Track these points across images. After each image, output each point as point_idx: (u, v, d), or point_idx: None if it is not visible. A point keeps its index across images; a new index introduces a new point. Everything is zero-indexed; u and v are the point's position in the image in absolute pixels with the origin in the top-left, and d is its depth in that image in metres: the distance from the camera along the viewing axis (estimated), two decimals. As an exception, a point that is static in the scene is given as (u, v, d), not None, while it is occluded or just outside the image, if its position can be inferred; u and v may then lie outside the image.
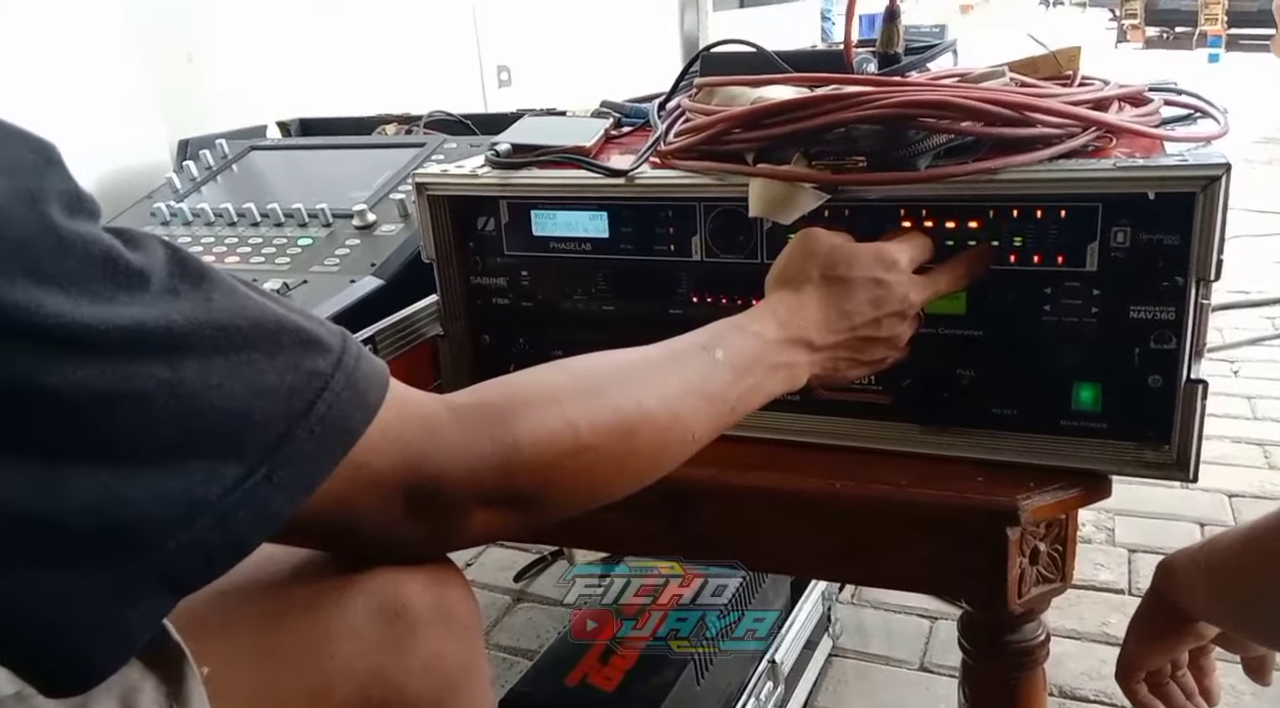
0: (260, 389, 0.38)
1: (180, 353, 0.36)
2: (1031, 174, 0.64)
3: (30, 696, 0.40)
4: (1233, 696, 1.25)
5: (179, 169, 1.23)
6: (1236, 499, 1.77)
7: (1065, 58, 0.78)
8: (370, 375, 0.43)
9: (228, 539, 0.38)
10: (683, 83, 0.89)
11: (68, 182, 0.36)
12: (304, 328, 0.41)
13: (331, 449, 0.41)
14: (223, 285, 0.39)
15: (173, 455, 0.36)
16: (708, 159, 0.73)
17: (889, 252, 0.64)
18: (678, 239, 0.77)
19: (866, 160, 0.66)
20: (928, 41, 0.89)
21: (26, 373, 0.32)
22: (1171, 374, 0.66)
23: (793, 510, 0.73)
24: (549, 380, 0.53)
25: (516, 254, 0.83)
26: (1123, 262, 0.65)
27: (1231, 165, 0.59)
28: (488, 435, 0.47)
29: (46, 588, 0.34)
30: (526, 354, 0.86)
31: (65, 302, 0.33)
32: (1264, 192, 3.88)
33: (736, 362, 0.58)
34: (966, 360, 0.71)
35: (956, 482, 0.68)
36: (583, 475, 0.51)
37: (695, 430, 0.56)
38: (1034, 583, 0.70)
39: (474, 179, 0.80)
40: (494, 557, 1.73)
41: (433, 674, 0.51)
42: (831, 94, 0.66)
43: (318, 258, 0.99)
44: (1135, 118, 0.70)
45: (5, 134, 0.34)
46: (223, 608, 0.47)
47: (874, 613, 1.53)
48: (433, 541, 0.49)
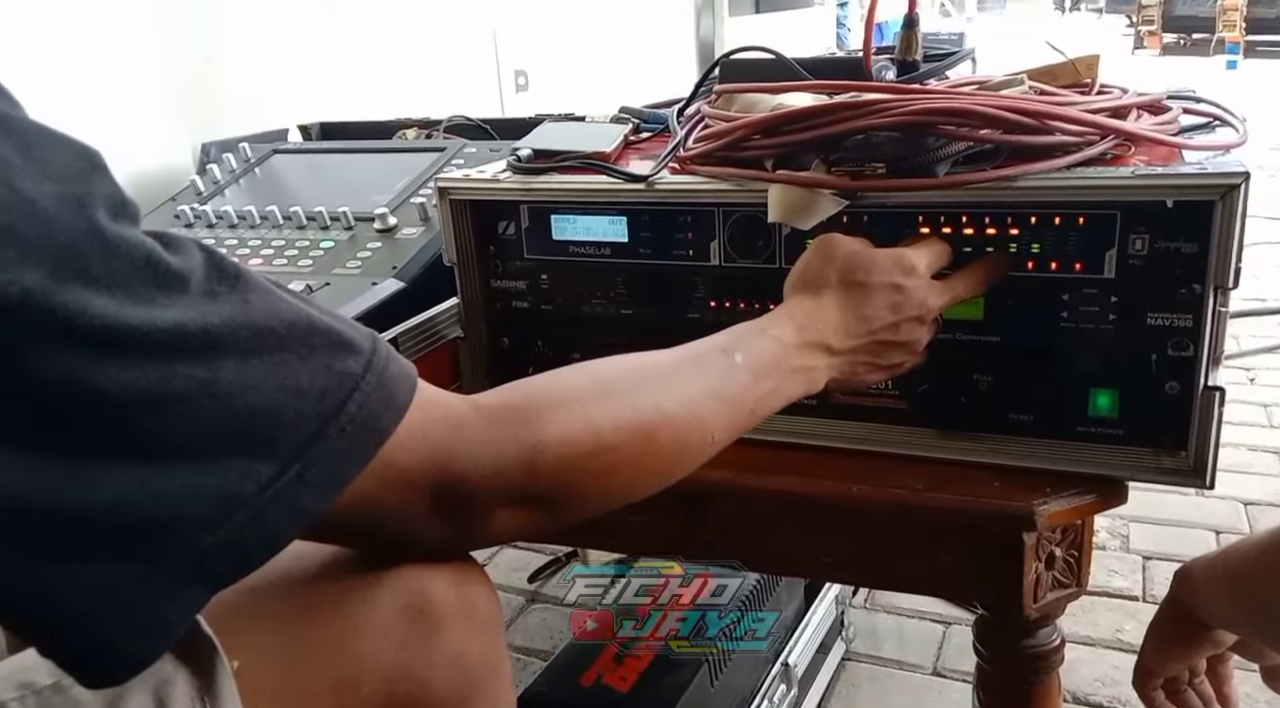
0: (294, 389, 0.39)
1: (217, 354, 0.37)
2: (1050, 182, 0.64)
3: (67, 687, 0.41)
4: (1250, 704, 1.25)
5: (202, 172, 1.25)
6: (1252, 507, 1.77)
7: (1084, 66, 0.79)
8: (399, 376, 0.44)
9: (262, 535, 0.39)
10: (702, 89, 0.89)
11: (112, 186, 0.37)
12: (336, 329, 0.42)
13: (362, 448, 0.42)
14: (258, 288, 0.40)
15: (209, 453, 0.37)
16: (727, 165, 0.73)
17: (908, 257, 0.65)
18: (696, 244, 0.78)
19: (886, 167, 0.67)
20: (946, 49, 0.89)
21: (71, 372, 0.33)
22: (1189, 381, 0.66)
23: (809, 514, 0.73)
24: (572, 382, 0.53)
25: (536, 258, 0.84)
26: (1141, 269, 0.66)
27: (1250, 174, 0.60)
28: (512, 436, 0.48)
29: (85, 582, 0.35)
30: (545, 357, 0.87)
31: (110, 303, 0.34)
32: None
33: (755, 365, 0.59)
34: (984, 366, 0.72)
35: (973, 487, 0.69)
36: (604, 476, 0.52)
37: (715, 432, 0.57)
38: (1049, 588, 0.70)
39: (495, 184, 0.81)
40: (508, 558, 1.74)
41: (457, 670, 0.52)
42: (851, 101, 0.67)
43: (340, 260, 1.00)
44: (1154, 126, 0.71)
45: (52, 141, 0.35)
46: (253, 604, 0.48)
47: (887, 618, 1.53)
48: (457, 539, 0.50)
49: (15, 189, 0.33)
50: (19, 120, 0.35)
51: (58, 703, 0.42)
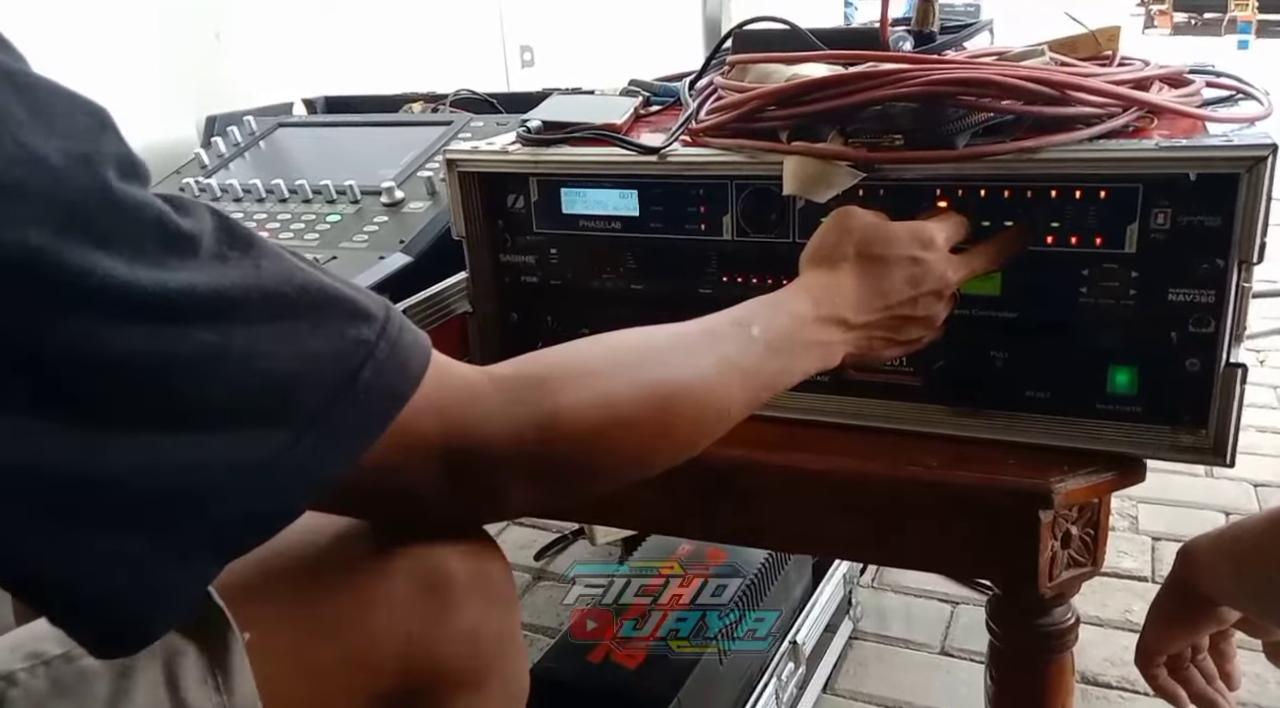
0: (307, 356, 0.39)
1: (229, 318, 0.36)
2: (1071, 153, 0.63)
3: (78, 656, 0.41)
4: (1257, 683, 1.25)
5: (207, 145, 1.24)
6: (1262, 488, 1.76)
7: (1105, 37, 0.78)
8: (413, 345, 0.44)
9: (275, 503, 0.38)
10: (715, 60, 0.88)
11: (121, 145, 0.36)
12: (349, 297, 0.42)
13: (377, 416, 0.41)
14: (270, 253, 0.39)
15: (221, 420, 0.36)
16: (741, 137, 0.72)
17: (926, 230, 0.64)
18: (709, 218, 0.77)
19: (903, 138, 0.66)
20: (963, 20, 0.88)
21: (79, 333, 0.33)
22: (1210, 358, 0.65)
23: (823, 492, 0.72)
24: (588, 353, 0.53)
25: (546, 231, 0.83)
26: (1162, 244, 0.65)
27: (1279, 146, 0.58)
28: (528, 406, 0.47)
29: (97, 550, 0.35)
30: (554, 332, 0.86)
31: (120, 264, 0.33)
32: (1293, 179, 3.83)
33: (771, 339, 0.58)
34: (1001, 342, 0.71)
35: (989, 464, 0.68)
36: (620, 448, 0.51)
37: (731, 406, 0.56)
38: (1065, 566, 0.69)
39: (505, 156, 0.80)
40: (514, 535, 1.74)
41: (471, 644, 0.51)
42: (868, 72, 0.66)
43: (346, 234, 0.99)
44: (1177, 98, 0.69)
45: (60, 97, 0.35)
46: (265, 576, 0.47)
47: (895, 597, 1.53)
48: (472, 510, 0.50)
49: (23, 143, 0.32)
50: (25, 74, 0.34)
51: (67, 673, 0.42)
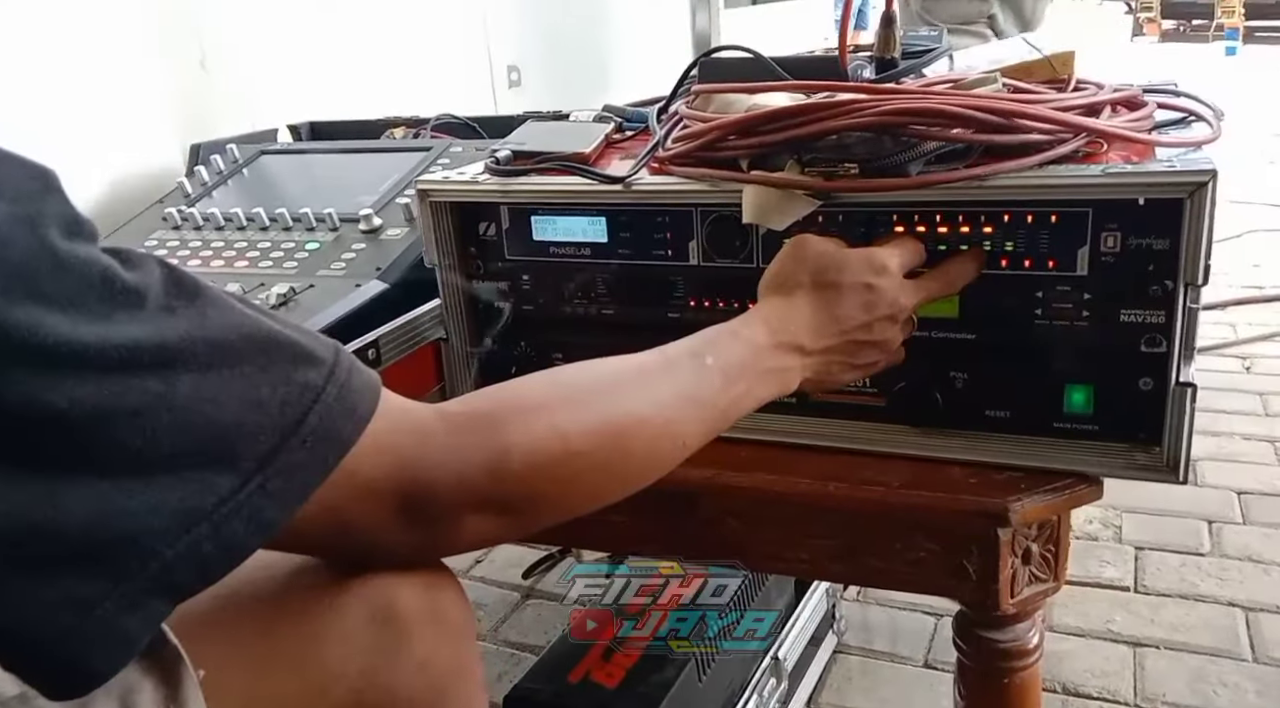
0: (253, 402, 0.40)
1: (175, 368, 0.38)
2: (1021, 180, 0.65)
3: (33, 697, 0.42)
4: (1235, 692, 1.25)
5: (190, 173, 1.25)
6: (1246, 496, 1.77)
7: (1059, 62, 0.79)
8: (362, 388, 0.45)
9: (223, 547, 0.39)
10: (681, 88, 0.90)
11: (66, 206, 0.37)
12: (296, 342, 0.43)
13: (324, 459, 0.42)
14: (218, 302, 0.40)
15: (169, 467, 0.37)
16: (703, 165, 0.73)
17: (879, 256, 0.65)
18: (675, 244, 0.78)
19: (859, 167, 0.67)
20: (925, 46, 0.89)
21: (27, 390, 0.34)
22: (1162, 377, 0.66)
23: (787, 511, 0.74)
24: (539, 389, 0.54)
25: (517, 259, 0.84)
26: (1113, 266, 0.66)
27: (1218, 171, 0.60)
28: (478, 443, 0.49)
29: (48, 596, 0.36)
30: (527, 357, 0.87)
31: (64, 321, 0.34)
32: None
33: (727, 367, 0.59)
34: (959, 363, 0.72)
35: (949, 484, 0.69)
36: (573, 482, 0.52)
37: (686, 437, 0.57)
38: (1026, 583, 0.70)
39: (474, 186, 0.81)
40: (503, 554, 1.75)
41: (424, 677, 0.52)
42: (824, 102, 0.67)
43: (324, 262, 1.00)
44: (1127, 122, 0.71)
45: (5, 161, 0.36)
46: (219, 612, 0.48)
47: (879, 610, 1.54)
48: (425, 547, 0.51)
49: None
50: None
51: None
